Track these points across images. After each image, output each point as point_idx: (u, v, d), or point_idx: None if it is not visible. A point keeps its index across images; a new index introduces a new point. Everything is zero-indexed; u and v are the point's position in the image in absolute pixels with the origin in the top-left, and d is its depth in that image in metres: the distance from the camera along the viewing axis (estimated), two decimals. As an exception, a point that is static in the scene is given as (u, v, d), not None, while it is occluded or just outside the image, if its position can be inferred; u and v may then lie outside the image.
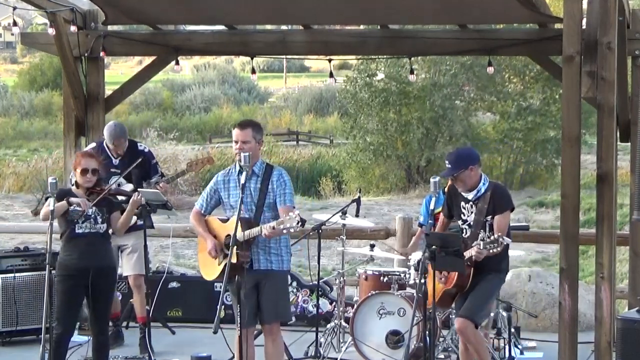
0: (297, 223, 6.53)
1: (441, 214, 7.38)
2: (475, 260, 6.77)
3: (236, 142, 6.97)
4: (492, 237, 6.70)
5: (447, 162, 7.10)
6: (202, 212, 7.16)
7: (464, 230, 7.02)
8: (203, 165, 8.99)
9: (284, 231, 6.63)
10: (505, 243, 6.69)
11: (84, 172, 7.18)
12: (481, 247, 6.69)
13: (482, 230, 6.90)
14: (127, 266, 8.74)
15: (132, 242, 8.62)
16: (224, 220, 6.96)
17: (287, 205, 6.89)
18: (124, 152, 8.78)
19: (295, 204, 7.09)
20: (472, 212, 6.99)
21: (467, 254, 6.75)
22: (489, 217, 6.92)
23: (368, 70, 30.65)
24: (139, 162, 8.47)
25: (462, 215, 7.05)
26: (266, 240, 6.86)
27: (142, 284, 8.65)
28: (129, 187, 8.47)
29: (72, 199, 7.06)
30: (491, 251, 6.69)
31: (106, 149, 8.77)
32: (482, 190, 6.99)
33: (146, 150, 8.95)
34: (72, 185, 7.42)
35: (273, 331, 7.03)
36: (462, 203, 7.02)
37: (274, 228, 6.65)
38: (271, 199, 6.93)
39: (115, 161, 8.75)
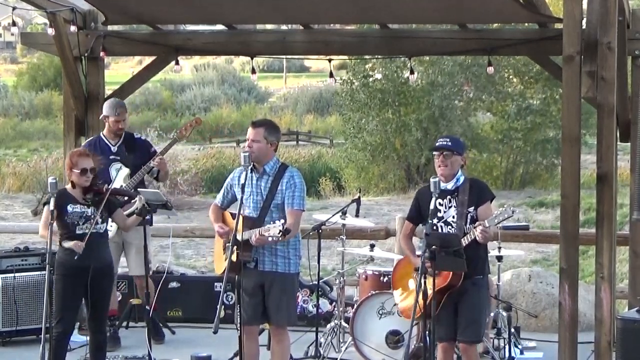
0: (279, 232, 6.50)
1: (406, 220, 7.26)
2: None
3: (247, 139, 6.97)
4: (498, 211, 6.63)
5: (445, 140, 6.99)
6: (221, 206, 7.19)
7: (440, 228, 6.91)
8: (192, 128, 9.07)
9: (269, 239, 6.61)
10: (512, 210, 6.57)
11: (84, 171, 7.20)
12: (487, 225, 6.59)
13: (464, 223, 6.82)
14: (134, 265, 8.78)
15: (137, 242, 8.54)
16: (234, 216, 6.93)
17: (294, 209, 6.83)
18: (122, 138, 8.90)
19: (305, 207, 7.01)
20: (450, 207, 6.91)
21: (466, 239, 6.68)
22: (471, 209, 6.85)
23: (363, 70, 30.56)
24: (136, 149, 8.84)
25: (437, 213, 6.89)
26: None
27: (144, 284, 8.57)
28: (126, 171, 8.75)
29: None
30: (498, 225, 6.62)
31: (103, 138, 8.94)
32: (461, 181, 6.94)
33: (143, 137, 9.27)
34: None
35: (278, 332, 7.05)
36: (439, 200, 6.86)
37: (261, 235, 6.64)
38: (279, 200, 6.87)
39: (114, 148, 8.90)
